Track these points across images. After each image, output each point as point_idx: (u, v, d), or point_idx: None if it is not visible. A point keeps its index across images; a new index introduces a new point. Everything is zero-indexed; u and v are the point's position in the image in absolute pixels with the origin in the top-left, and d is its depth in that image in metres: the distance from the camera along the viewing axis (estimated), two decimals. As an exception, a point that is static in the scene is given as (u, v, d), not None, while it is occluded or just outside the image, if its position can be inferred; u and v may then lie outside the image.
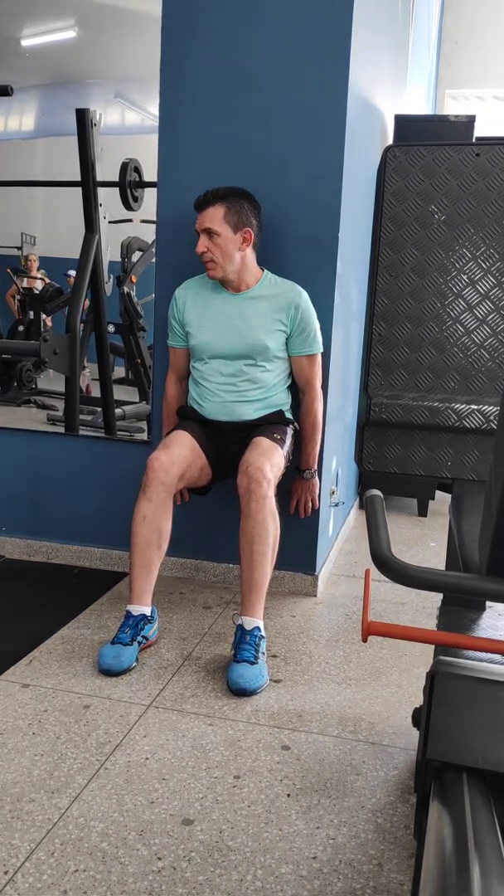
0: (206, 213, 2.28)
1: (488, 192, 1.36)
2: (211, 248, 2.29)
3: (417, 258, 1.40)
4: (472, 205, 1.37)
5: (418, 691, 2.04)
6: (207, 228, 2.28)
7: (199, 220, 2.30)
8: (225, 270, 2.33)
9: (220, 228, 2.28)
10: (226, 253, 2.30)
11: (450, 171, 1.37)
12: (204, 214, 2.29)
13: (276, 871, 1.38)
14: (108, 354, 3.15)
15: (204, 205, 2.29)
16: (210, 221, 2.28)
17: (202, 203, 2.29)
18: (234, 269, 2.33)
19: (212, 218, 2.27)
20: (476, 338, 1.40)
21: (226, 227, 2.28)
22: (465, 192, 1.36)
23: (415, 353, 1.43)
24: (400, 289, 1.41)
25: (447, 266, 1.39)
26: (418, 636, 0.94)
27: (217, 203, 2.28)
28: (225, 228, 2.28)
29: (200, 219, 2.30)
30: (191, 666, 2.15)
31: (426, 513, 3.98)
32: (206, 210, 2.28)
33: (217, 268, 2.32)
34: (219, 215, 2.27)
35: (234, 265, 2.33)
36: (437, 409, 1.43)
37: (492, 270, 1.38)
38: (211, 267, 2.32)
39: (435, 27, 6.28)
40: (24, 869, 1.35)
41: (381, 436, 1.49)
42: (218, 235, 2.28)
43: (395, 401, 1.45)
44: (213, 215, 2.27)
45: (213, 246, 2.29)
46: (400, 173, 1.39)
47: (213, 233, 2.28)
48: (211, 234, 2.28)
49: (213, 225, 2.27)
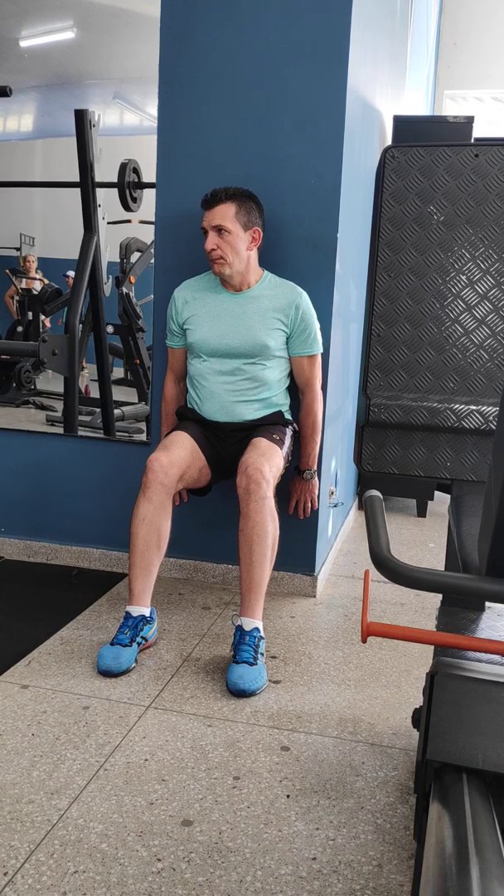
0: (216, 210, 2.28)
1: (487, 193, 1.36)
2: (221, 245, 2.29)
3: (416, 259, 1.40)
4: (470, 205, 1.37)
5: (418, 692, 2.04)
6: (218, 226, 2.28)
7: (209, 218, 2.29)
8: (232, 268, 2.33)
9: (232, 226, 2.28)
10: (235, 251, 2.30)
11: (448, 171, 1.37)
12: (214, 212, 2.28)
13: (275, 871, 1.38)
14: (106, 355, 3.15)
15: (214, 202, 2.28)
16: (221, 219, 2.27)
17: (212, 201, 2.29)
18: (241, 267, 2.34)
19: (223, 215, 2.27)
20: (475, 338, 1.40)
21: (237, 225, 2.28)
22: (463, 193, 1.36)
23: (414, 354, 1.43)
24: (399, 289, 1.41)
25: (446, 267, 1.39)
26: (418, 637, 0.94)
27: (228, 201, 2.27)
28: (236, 226, 2.28)
29: (210, 216, 2.29)
30: (190, 667, 2.15)
31: (425, 513, 3.98)
32: (216, 207, 2.28)
33: (225, 265, 2.32)
34: (230, 213, 2.27)
35: (242, 264, 2.33)
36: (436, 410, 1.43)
37: (491, 271, 1.38)
38: (219, 263, 2.32)
39: (433, 28, 6.29)
40: (23, 870, 1.35)
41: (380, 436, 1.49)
42: (229, 233, 2.28)
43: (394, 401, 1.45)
44: (224, 213, 2.27)
45: (223, 243, 2.29)
46: (399, 174, 1.39)
47: (224, 230, 2.28)
48: (221, 232, 2.28)
49: (225, 222, 2.27)
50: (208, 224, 2.29)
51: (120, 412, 3.11)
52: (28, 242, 3.25)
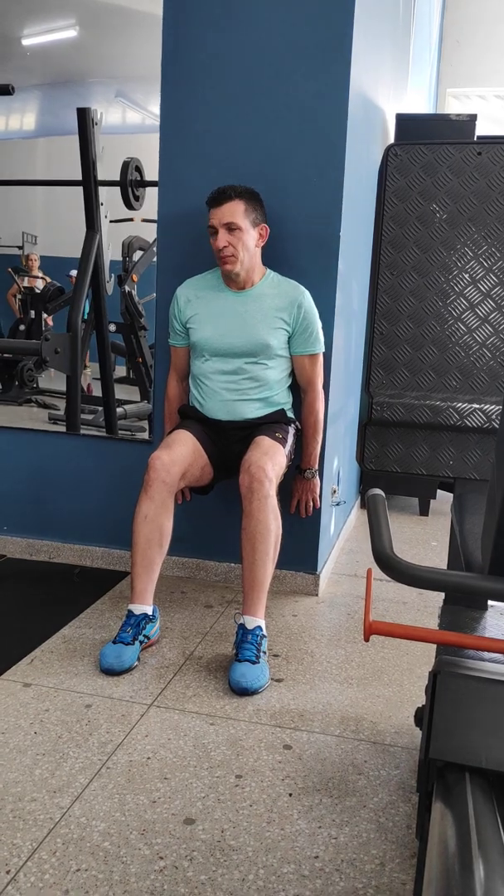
0: (225, 207, 2.27)
1: (490, 191, 1.36)
2: (233, 242, 2.29)
3: (419, 257, 1.40)
4: (473, 203, 1.36)
5: (420, 691, 2.04)
6: (230, 223, 2.28)
7: (218, 215, 2.28)
8: (242, 265, 2.33)
9: (242, 223, 2.28)
10: (246, 248, 2.30)
11: (451, 169, 1.36)
12: (223, 209, 2.27)
13: (277, 870, 1.38)
14: (109, 353, 3.15)
15: (223, 200, 2.28)
16: (232, 216, 2.27)
17: (221, 198, 2.28)
18: (248, 265, 2.34)
19: (233, 212, 2.27)
20: (478, 336, 1.40)
21: (246, 222, 2.29)
22: (466, 191, 1.36)
23: (416, 352, 1.43)
24: (401, 287, 1.41)
25: (449, 265, 1.39)
26: (420, 635, 0.94)
27: (237, 198, 2.27)
28: (246, 223, 2.28)
29: (219, 213, 2.28)
30: (192, 665, 2.15)
31: (428, 512, 3.98)
32: (225, 205, 2.27)
33: (237, 262, 2.31)
34: (240, 210, 2.27)
35: (250, 261, 2.33)
36: (438, 408, 1.43)
37: (493, 269, 1.37)
38: (230, 261, 2.31)
39: (436, 26, 6.28)
40: (25, 868, 1.35)
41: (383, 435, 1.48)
42: (240, 230, 2.28)
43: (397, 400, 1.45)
44: (234, 210, 2.27)
45: (235, 240, 2.29)
46: (401, 172, 1.38)
47: (235, 227, 2.27)
48: (232, 229, 2.28)
49: (236, 219, 2.27)
50: (218, 222, 2.28)
51: (122, 410, 3.12)
52: (30, 241, 3.25)
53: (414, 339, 1.42)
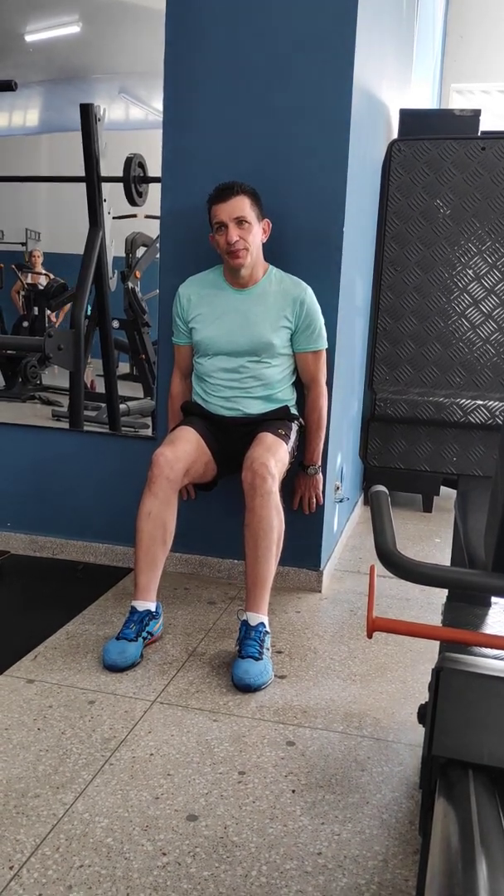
0: (233, 202, 2.26)
1: (494, 186, 1.35)
2: (243, 235, 2.28)
3: (423, 253, 1.39)
4: (477, 199, 1.36)
5: (423, 687, 2.04)
6: (239, 217, 2.27)
7: (227, 211, 2.27)
8: (252, 259, 2.32)
9: (250, 218, 2.28)
10: (255, 242, 2.31)
11: (455, 165, 1.36)
12: (231, 204, 2.26)
13: (280, 866, 1.38)
14: (112, 350, 3.15)
15: (230, 195, 2.27)
16: (241, 210, 2.27)
17: (228, 193, 2.27)
18: (254, 260, 2.34)
19: (242, 207, 2.27)
20: (482, 333, 1.39)
21: (253, 217, 2.29)
22: (470, 187, 1.36)
23: (420, 348, 1.42)
24: (405, 283, 1.41)
25: (452, 260, 1.38)
26: (423, 632, 0.94)
27: (242, 193, 2.27)
28: (253, 218, 2.29)
29: (228, 209, 2.27)
30: (195, 662, 2.15)
31: (431, 509, 3.98)
32: (233, 199, 2.26)
33: (247, 255, 2.31)
34: (247, 205, 2.28)
35: (256, 256, 2.34)
36: (442, 405, 1.43)
37: (497, 265, 1.37)
38: (242, 255, 2.30)
39: (440, 21, 6.26)
40: (29, 864, 1.35)
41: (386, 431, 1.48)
42: (249, 224, 2.28)
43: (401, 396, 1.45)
44: (242, 204, 2.27)
45: (245, 234, 2.28)
46: (405, 167, 1.38)
47: (245, 221, 2.27)
48: (241, 223, 2.28)
49: (245, 213, 2.27)
50: (228, 216, 2.27)
51: (125, 407, 3.12)
52: (33, 237, 3.25)
53: (417, 336, 1.42)
